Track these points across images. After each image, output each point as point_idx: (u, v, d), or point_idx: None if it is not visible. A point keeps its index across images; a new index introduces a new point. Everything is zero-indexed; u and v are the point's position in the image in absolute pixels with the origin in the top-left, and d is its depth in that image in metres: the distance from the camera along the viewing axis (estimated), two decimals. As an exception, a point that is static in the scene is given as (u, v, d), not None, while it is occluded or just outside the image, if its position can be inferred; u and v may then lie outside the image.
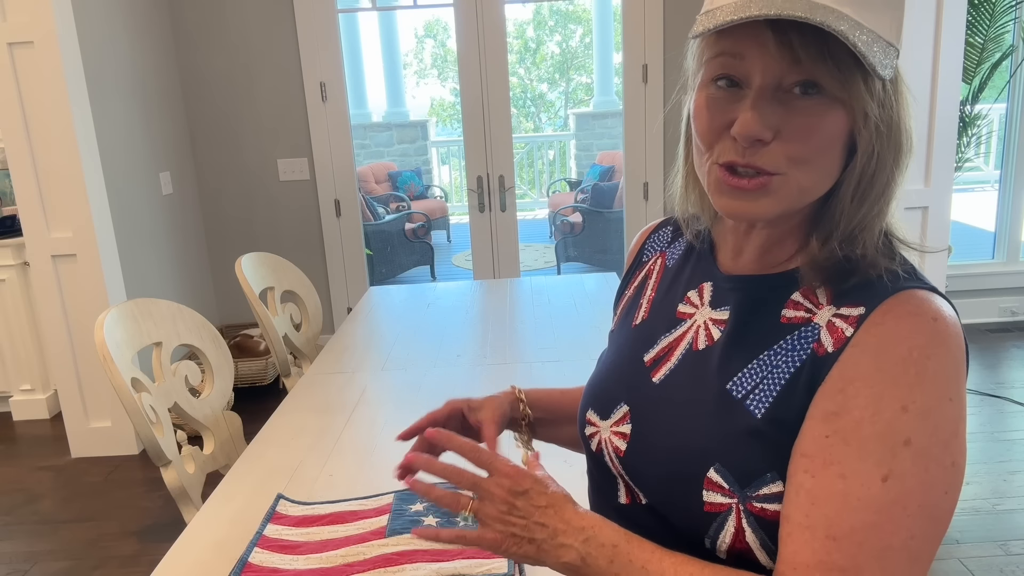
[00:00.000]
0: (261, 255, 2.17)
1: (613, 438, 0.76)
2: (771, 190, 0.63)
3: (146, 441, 1.38)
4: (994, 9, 3.46)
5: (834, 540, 0.57)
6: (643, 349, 0.78)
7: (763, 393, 0.65)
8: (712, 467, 0.65)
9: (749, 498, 0.63)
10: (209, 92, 3.78)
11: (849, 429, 0.58)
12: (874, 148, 0.63)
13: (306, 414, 1.61)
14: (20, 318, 3.35)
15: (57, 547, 2.43)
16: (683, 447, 0.68)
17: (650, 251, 0.88)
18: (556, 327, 2.09)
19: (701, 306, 0.74)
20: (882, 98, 0.62)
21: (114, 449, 3.06)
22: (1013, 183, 3.98)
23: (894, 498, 0.57)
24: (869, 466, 0.57)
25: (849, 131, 0.63)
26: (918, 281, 0.64)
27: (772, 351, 0.66)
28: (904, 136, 0.64)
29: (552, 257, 6.27)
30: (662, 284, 0.82)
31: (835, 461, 0.58)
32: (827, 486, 0.58)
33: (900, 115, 0.64)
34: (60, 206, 2.85)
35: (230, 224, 3.95)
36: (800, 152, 0.62)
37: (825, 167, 0.64)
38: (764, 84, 0.62)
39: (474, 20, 3.62)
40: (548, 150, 9.20)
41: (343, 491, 1.27)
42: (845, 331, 0.62)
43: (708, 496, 0.65)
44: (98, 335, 1.39)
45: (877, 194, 0.65)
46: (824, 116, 0.61)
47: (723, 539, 0.64)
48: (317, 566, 1.05)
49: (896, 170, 0.65)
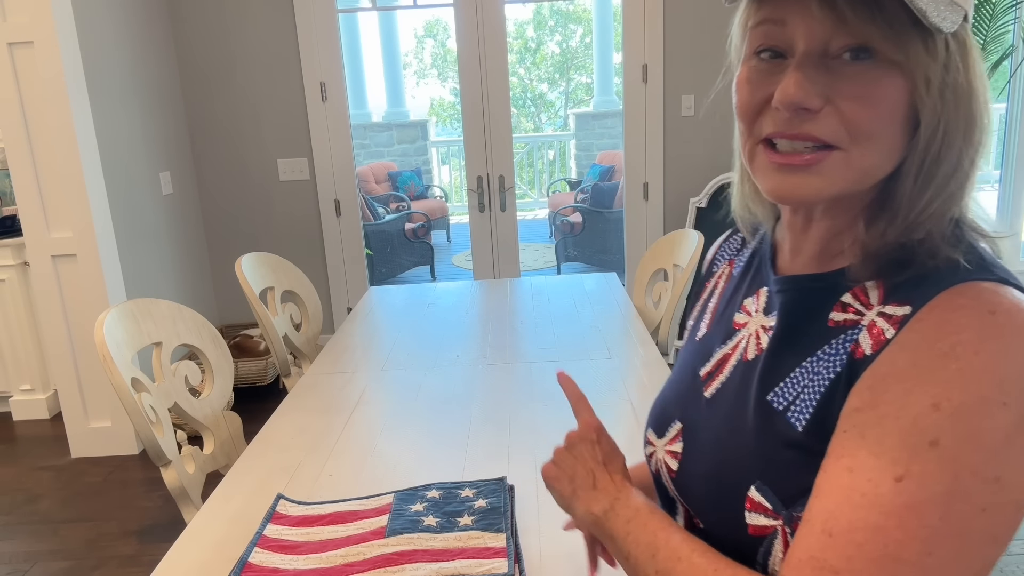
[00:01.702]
0: (261, 255, 2.17)
1: (666, 457, 0.73)
2: (825, 168, 0.56)
3: (146, 441, 1.38)
4: (994, 9, 3.46)
5: (829, 536, 0.51)
6: (701, 363, 0.73)
7: (804, 403, 0.59)
8: (753, 485, 0.60)
9: (795, 518, 0.57)
10: (209, 92, 3.78)
11: (869, 423, 0.52)
12: (940, 119, 0.55)
13: (306, 414, 1.61)
14: (20, 318, 3.35)
15: (57, 547, 2.43)
16: (724, 464, 0.64)
17: (720, 260, 0.83)
18: (556, 327, 2.09)
19: (755, 314, 0.69)
20: (946, 60, 0.54)
21: (114, 449, 3.06)
22: (1013, 183, 3.98)
23: (907, 502, 0.49)
24: (883, 462, 0.51)
25: (910, 101, 0.55)
26: (987, 272, 0.54)
27: (815, 357, 0.60)
28: (977, 105, 0.56)
29: (552, 257, 6.27)
30: (725, 294, 0.77)
31: (846, 454, 0.53)
32: (832, 479, 0.53)
33: (970, 81, 0.56)
34: (60, 206, 2.85)
35: (230, 224, 3.95)
36: (858, 122, 0.55)
37: (886, 142, 0.56)
38: (808, 49, 0.55)
39: (474, 20, 3.62)
40: (548, 150, 9.21)
41: (343, 491, 1.27)
42: (886, 332, 0.55)
43: (751, 518, 0.60)
44: (98, 335, 1.39)
45: (945, 174, 0.56)
46: (879, 82, 0.54)
47: (773, 565, 0.58)
48: (317, 566, 1.05)
49: (967, 145, 0.56)
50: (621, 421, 1.49)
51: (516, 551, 1.07)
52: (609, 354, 1.86)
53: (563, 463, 0.73)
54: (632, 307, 2.23)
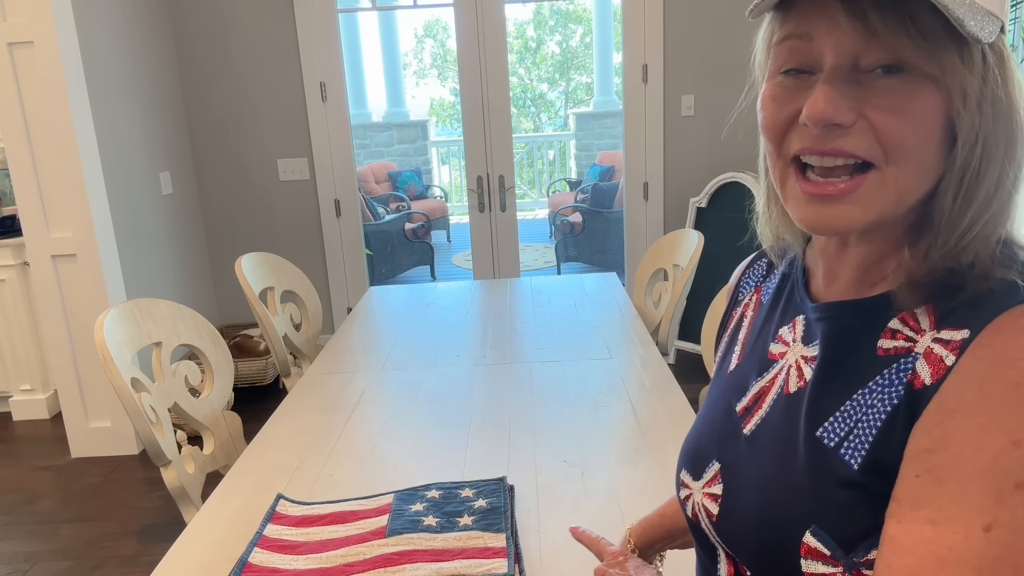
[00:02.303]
0: (261, 255, 2.17)
1: (705, 501, 0.67)
2: (861, 194, 0.54)
3: (146, 441, 1.38)
4: (994, 9, 3.46)
5: None
6: (736, 398, 0.68)
7: (858, 439, 0.55)
8: (808, 530, 0.55)
9: (857, 564, 0.53)
10: (209, 92, 3.78)
11: (945, 466, 0.48)
12: (978, 134, 0.52)
13: (306, 414, 1.61)
14: (20, 318, 3.35)
15: (57, 547, 2.43)
16: (773, 507, 0.59)
17: (745, 288, 0.78)
18: (556, 327, 2.09)
19: (793, 343, 0.64)
20: (983, 72, 0.52)
21: (114, 449, 3.06)
22: (1013, 183, 3.98)
23: (999, 554, 0.45)
24: (968, 511, 0.46)
25: (947, 115, 0.52)
26: None
27: (867, 389, 0.55)
28: (1018, 119, 0.53)
29: (552, 257, 6.27)
30: (756, 323, 0.72)
31: (925, 504, 0.48)
32: (913, 533, 0.48)
33: (1009, 93, 0.53)
34: (60, 206, 2.85)
35: (230, 224, 3.95)
36: (892, 135, 0.52)
37: (924, 159, 0.53)
38: (838, 64, 0.52)
39: (474, 20, 3.62)
40: (548, 150, 9.21)
41: (343, 491, 1.27)
42: (945, 359, 0.51)
43: (808, 566, 0.55)
44: (98, 335, 1.39)
45: (987, 192, 0.53)
46: (913, 96, 0.51)
47: None
48: (317, 566, 1.05)
49: (1009, 161, 0.53)
50: (621, 421, 1.49)
51: (516, 551, 1.07)
52: (609, 354, 1.86)
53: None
54: (632, 307, 2.24)
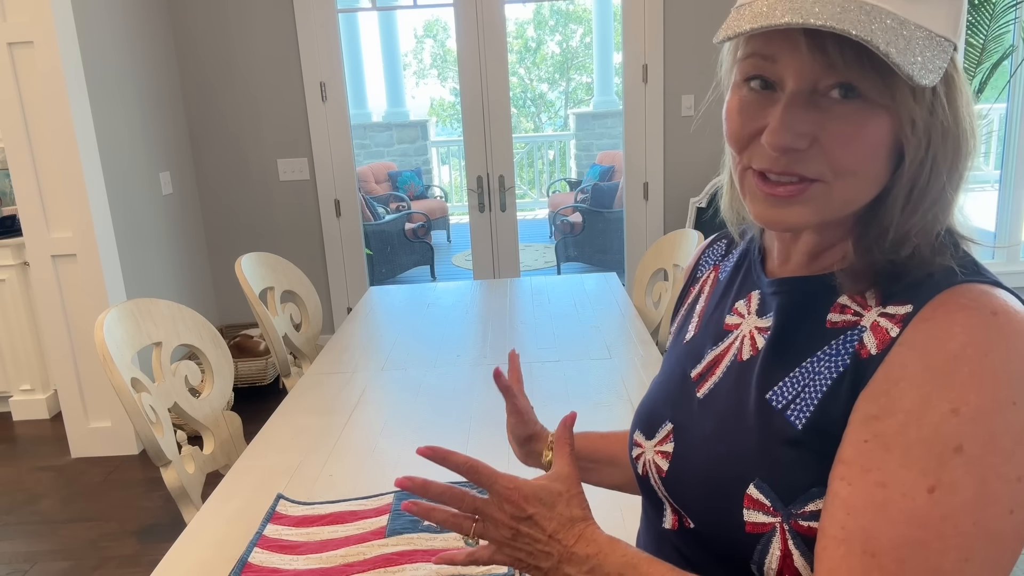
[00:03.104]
0: (261, 255, 2.17)
1: (656, 458, 0.72)
2: (808, 198, 0.59)
3: (146, 441, 1.38)
4: (994, 9, 3.46)
5: (872, 556, 0.51)
6: (691, 365, 0.74)
7: (804, 402, 0.60)
8: (752, 483, 0.60)
9: (794, 515, 0.58)
10: (209, 92, 3.78)
11: (891, 433, 0.52)
12: (925, 155, 0.57)
13: (306, 414, 1.61)
14: (20, 318, 3.35)
15: (57, 547, 2.43)
16: (721, 462, 0.64)
17: (704, 266, 0.84)
18: (556, 327, 2.09)
19: (748, 315, 0.70)
20: (931, 102, 0.56)
21: (114, 449, 3.06)
22: (1013, 183, 3.98)
23: (943, 512, 0.50)
24: (913, 475, 0.51)
25: (896, 138, 0.57)
26: (981, 276, 0.57)
27: (815, 358, 0.61)
28: (964, 139, 0.58)
29: (552, 257, 6.27)
30: (713, 298, 0.77)
31: (874, 468, 0.53)
32: (865, 495, 0.53)
33: (957, 117, 0.57)
34: (60, 206, 2.85)
35: (230, 224, 3.95)
36: (842, 162, 0.57)
37: (870, 176, 0.58)
38: (798, 89, 0.57)
39: (474, 20, 3.62)
40: (548, 150, 9.21)
41: (343, 491, 1.27)
42: (890, 331, 0.56)
43: (749, 515, 0.60)
44: (98, 335, 1.39)
45: (932, 200, 0.58)
46: (866, 123, 0.56)
47: (770, 563, 0.59)
48: (317, 566, 1.05)
49: (952, 173, 0.58)
50: (621, 421, 1.48)
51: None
52: (609, 354, 1.86)
53: (517, 551, 0.65)
54: (632, 307, 2.23)
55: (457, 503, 0.65)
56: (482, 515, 0.65)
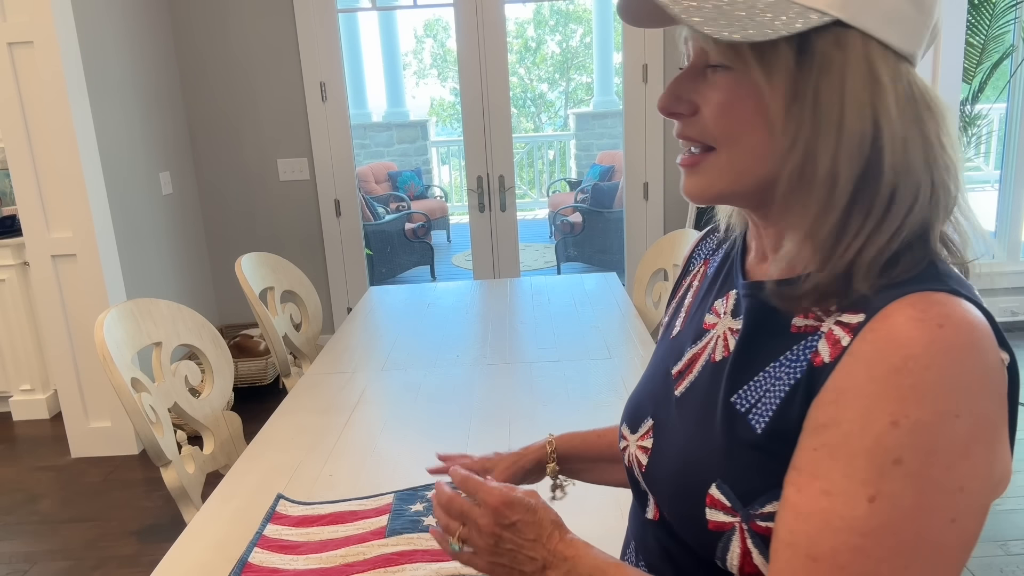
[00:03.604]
0: (261, 255, 2.17)
1: (638, 452, 0.74)
2: (705, 167, 0.62)
3: (146, 441, 1.38)
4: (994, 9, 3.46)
5: (814, 561, 0.53)
6: (673, 362, 0.75)
7: (764, 407, 0.61)
8: (714, 483, 0.62)
9: (752, 516, 0.60)
10: (209, 92, 3.78)
11: (837, 443, 0.54)
12: (797, 131, 0.57)
13: (306, 414, 1.61)
14: (20, 318, 3.35)
15: (57, 547, 2.43)
16: (689, 462, 0.66)
17: (697, 259, 0.85)
18: (556, 327, 2.09)
19: (723, 315, 0.71)
20: (793, 69, 0.56)
21: (114, 449, 3.06)
22: (1013, 183, 3.98)
23: (883, 522, 0.51)
24: (855, 485, 0.52)
25: (767, 110, 0.58)
26: (939, 283, 0.55)
27: (778, 362, 0.61)
28: (849, 118, 0.56)
29: (552, 257, 6.27)
30: (699, 294, 0.78)
31: (821, 475, 0.54)
32: (811, 502, 0.54)
33: (827, 95, 0.56)
34: (60, 206, 2.85)
35: (230, 224, 3.95)
36: (716, 126, 0.60)
37: (751, 145, 0.59)
38: (692, 63, 0.63)
39: (474, 20, 3.62)
40: (548, 150, 9.21)
41: (343, 491, 1.27)
42: (842, 340, 0.56)
43: (711, 514, 0.62)
44: (98, 335, 1.39)
45: (825, 192, 0.57)
46: (734, 89, 0.58)
47: (731, 560, 0.61)
48: (317, 566, 1.05)
49: (837, 161, 0.56)
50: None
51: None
52: (609, 354, 1.86)
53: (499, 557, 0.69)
54: (632, 307, 2.24)
55: (447, 507, 0.71)
56: (468, 521, 0.70)
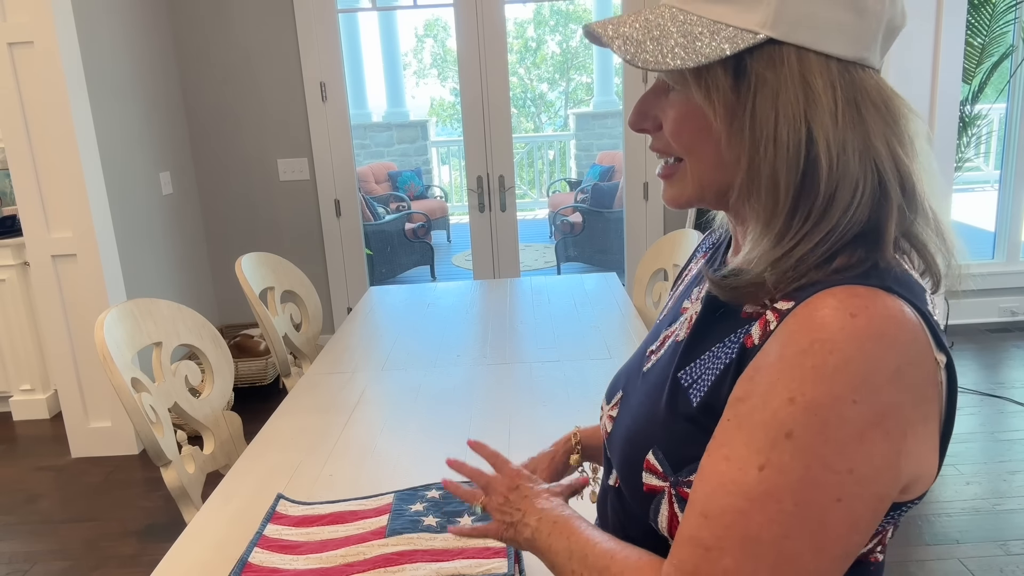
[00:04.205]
0: (261, 255, 2.17)
1: (606, 421, 0.82)
2: (677, 178, 0.68)
3: (146, 441, 1.38)
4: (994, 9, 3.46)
5: (705, 517, 0.58)
6: (652, 343, 0.81)
7: (702, 382, 0.66)
8: (650, 450, 0.68)
9: (680, 483, 0.65)
10: (209, 92, 3.78)
11: (743, 415, 0.58)
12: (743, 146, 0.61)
13: (306, 414, 1.61)
14: (20, 318, 3.35)
15: (57, 547, 2.43)
16: (636, 431, 0.72)
17: (696, 254, 0.91)
18: (556, 327, 2.09)
19: (695, 301, 0.76)
20: (729, 89, 0.60)
21: (114, 449, 3.06)
22: (1013, 183, 3.98)
23: (767, 489, 0.55)
24: (750, 453, 0.56)
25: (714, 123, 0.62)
26: (868, 278, 0.58)
27: (722, 343, 0.66)
28: (782, 131, 0.59)
29: (552, 257, 6.27)
30: (688, 283, 0.84)
31: (725, 443, 0.58)
32: (712, 466, 0.59)
33: (764, 105, 0.59)
34: (60, 206, 2.85)
35: (230, 224, 3.95)
36: (675, 140, 0.66)
37: (707, 157, 0.65)
38: (658, 80, 0.68)
39: (474, 20, 3.62)
40: (548, 150, 9.21)
41: (343, 491, 1.27)
42: (770, 324, 0.60)
43: (647, 478, 0.68)
44: (98, 335, 1.39)
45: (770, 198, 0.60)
46: (683, 106, 0.64)
47: (661, 522, 0.66)
48: (317, 566, 1.05)
49: (776, 173, 0.60)
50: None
51: (516, 551, 1.07)
52: (609, 354, 1.86)
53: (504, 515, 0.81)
54: (632, 307, 2.24)
55: (475, 477, 0.86)
56: (487, 487, 0.84)
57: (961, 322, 3.94)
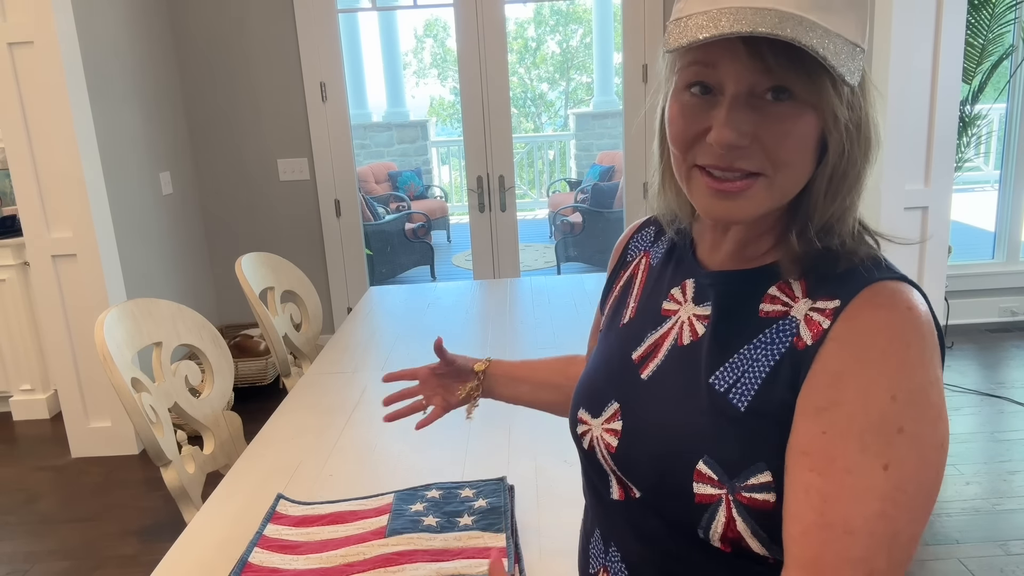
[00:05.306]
0: (261, 255, 2.17)
1: (604, 435, 0.78)
2: (754, 192, 0.66)
3: (146, 441, 1.38)
4: (994, 9, 3.46)
5: (851, 535, 0.59)
6: (631, 347, 0.80)
7: (745, 386, 0.67)
8: (701, 459, 0.67)
9: (738, 488, 0.65)
10: (209, 92, 3.78)
11: (841, 423, 0.60)
12: (844, 147, 0.65)
13: (306, 414, 1.61)
14: (20, 318, 3.35)
15: (57, 547, 2.43)
16: (674, 441, 0.71)
17: (634, 251, 0.90)
18: (556, 327, 2.09)
19: (685, 302, 0.77)
20: (851, 100, 0.65)
21: (114, 449, 3.06)
22: (1013, 183, 3.98)
23: (895, 484, 0.58)
24: (869, 457, 0.59)
25: (820, 133, 0.65)
26: (889, 272, 0.66)
27: (752, 345, 0.68)
28: (872, 132, 0.67)
29: (552, 257, 6.27)
30: (647, 283, 0.84)
31: (838, 456, 0.60)
32: (837, 483, 0.59)
33: (868, 113, 0.67)
34: (60, 206, 2.85)
35: (230, 224, 3.95)
36: (779, 155, 0.64)
37: (801, 167, 0.66)
38: (737, 92, 0.64)
39: (474, 20, 3.62)
40: (548, 150, 9.20)
41: (343, 491, 1.27)
42: (822, 324, 0.64)
43: (699, 488, 0.67)
44: (98, 335, 1.39)
45: (848, 187, 0.67)
46: (797, 120, 0.64)
47: (715, 529, 0.66)
48: (317, 566, 1.05)
49: (865, 164, 0.68)
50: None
51: (516, 551, 1.07)
52: (609, 354, 1.86)
53: None
54: (632, 307, 2.23)
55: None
56: None
57: (961, 322, 3.94)
